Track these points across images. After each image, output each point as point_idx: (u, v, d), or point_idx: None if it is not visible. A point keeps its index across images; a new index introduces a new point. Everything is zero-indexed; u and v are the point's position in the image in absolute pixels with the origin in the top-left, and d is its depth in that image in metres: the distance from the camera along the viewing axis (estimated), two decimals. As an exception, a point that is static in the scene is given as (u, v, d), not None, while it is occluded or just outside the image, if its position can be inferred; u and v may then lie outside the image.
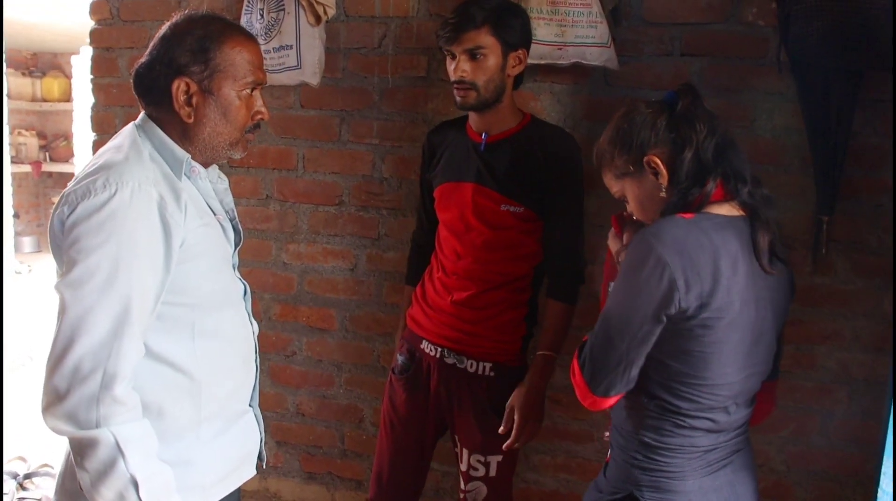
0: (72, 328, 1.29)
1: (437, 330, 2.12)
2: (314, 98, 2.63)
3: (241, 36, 1.49)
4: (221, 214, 1.58)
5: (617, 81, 2.36)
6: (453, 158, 2.13)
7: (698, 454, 1.44)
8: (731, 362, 1.40)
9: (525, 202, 2.01)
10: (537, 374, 2.04)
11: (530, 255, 2.07)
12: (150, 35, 2.77)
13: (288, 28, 2.46)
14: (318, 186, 2.66)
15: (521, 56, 2.01)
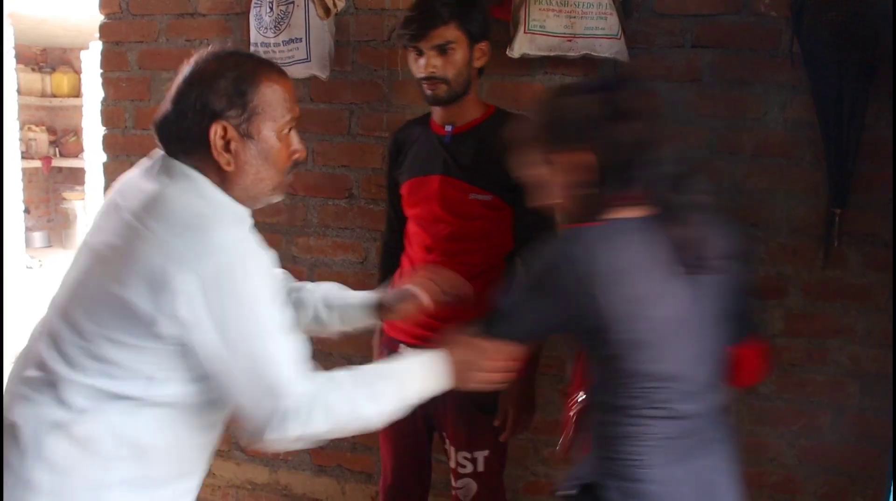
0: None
1: (411, 330, 2.10)
2: (324, 91, 2.62)
3: (275, 73, 1.42)
4: None
5: (626, 74, 2.34)
6: (419, 153, 2.13)
7: (657, 441, 1.39)
8: (669, 358, 1.37)
9: (493, 190, 2.02)
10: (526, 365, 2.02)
11: (501, 245, 2.08)
12: (158, 29, 2.83)
13: (297, 21, 2.46)
14: (328, 180, 2.66)
15: (485, 48, 2.04)
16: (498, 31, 2.38)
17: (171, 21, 2.83)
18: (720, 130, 2.32)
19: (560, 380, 2.49)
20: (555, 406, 2.48)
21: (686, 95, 2.32)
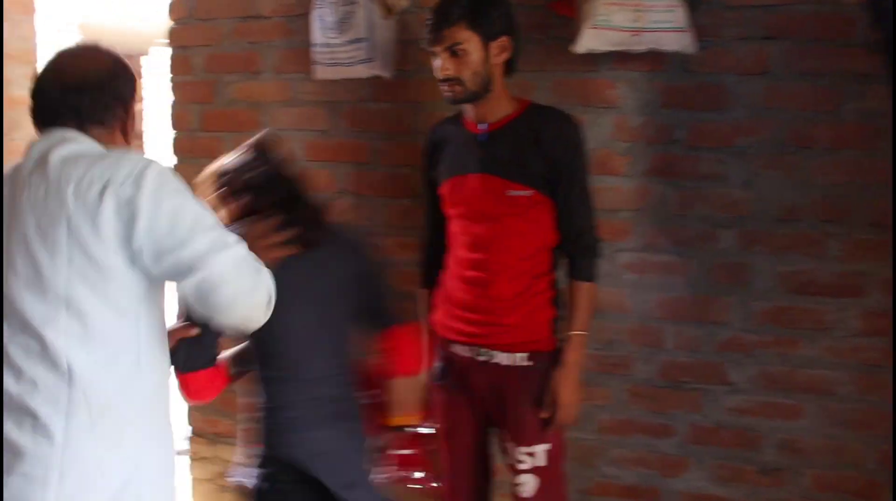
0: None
1: (465, 329, 2.12)
2: (387, 91, 2.63)
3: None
4: None
5: (696, 67, 2.30)
6: (456, 152, 2.14)
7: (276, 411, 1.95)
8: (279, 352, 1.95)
9: (533, 185, 2.03)
10: (573, 353, 2.07)
11: (545, 238, 2.09)
12: (223, 33, 2.87)
13: (360, 21, 2.47)
14: (392, 180, 2.66)
15: (505, 44, 2.03)
16: (560, 27, 2.37)
17: (236, 24, 2.87)
18: (792, 123, 2.25)
19: (629, 380, 2.45)
20: (624, 406, 2.46)
21: (755, 89, 2.26)
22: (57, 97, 1.54)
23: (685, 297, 2.39)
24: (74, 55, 1.61)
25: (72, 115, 1.53)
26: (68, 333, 1.42)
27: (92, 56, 1.60)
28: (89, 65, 1.57)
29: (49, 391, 1.41)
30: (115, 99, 1.58)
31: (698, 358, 2.39)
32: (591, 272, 2.10)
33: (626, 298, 2.44)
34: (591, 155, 2.37)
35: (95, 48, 1.62)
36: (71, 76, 1.55)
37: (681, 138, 2.34)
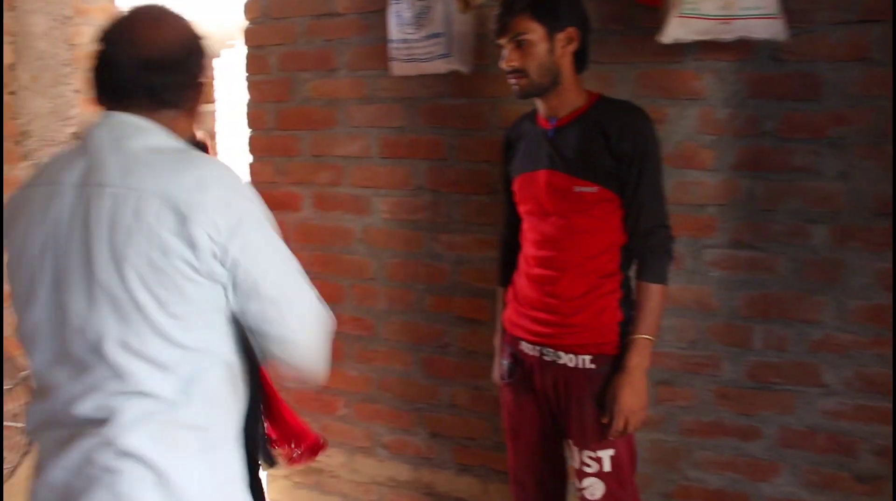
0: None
1: (532, 328, 2.09)
2: (464, 86, 2.59)
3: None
4: None
5: (786, 55, 2.21)
6: (527, 148, 2.11)
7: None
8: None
9: (599, 181, 1.97)
10: (636, 357, 1.99)
11: (614, 236, 2.03)
12: (298, 31, 2.87)
13: (438, 16, 2.44)
14: (470, 175, 2.63)
15: (572, 35, 1.98)
16: (644, 17, 2.31)
17: (310, 22, 2.87)
18: (891, 112, 2.13)
19: (714, 380, 2.38)
20: (709, 407, 2.38)
21: (851, 76, 2.16)
22: (132, 73, 1.35)
23: (774, 294, 2.30)
24: (151, 22, 1.39)
25: (146, 95, 1.36)
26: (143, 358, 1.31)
27: (172, 25, 1.40)
28: (170, 37, 1.38)
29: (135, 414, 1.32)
30: (193, 78, 1.42)
31: (789, 358, 2.30)
32: (660, 273, 2.01)
33: (711, 296, 2.36)
34: (676, 149, 2.33)
35: (173, 15, 1.42)
36: (150, 49, 1.35)
37: (770, 130, 2.25)
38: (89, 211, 1.30)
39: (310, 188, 2.94)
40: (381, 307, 2.87)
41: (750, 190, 2.29)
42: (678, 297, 2.38)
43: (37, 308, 1.35)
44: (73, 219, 1.32)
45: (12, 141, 3.17)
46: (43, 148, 3.27)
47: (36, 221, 1.35)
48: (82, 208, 1.31)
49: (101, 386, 1.31)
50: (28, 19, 3.16)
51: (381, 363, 2.90)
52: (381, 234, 2.83)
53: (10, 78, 3.13)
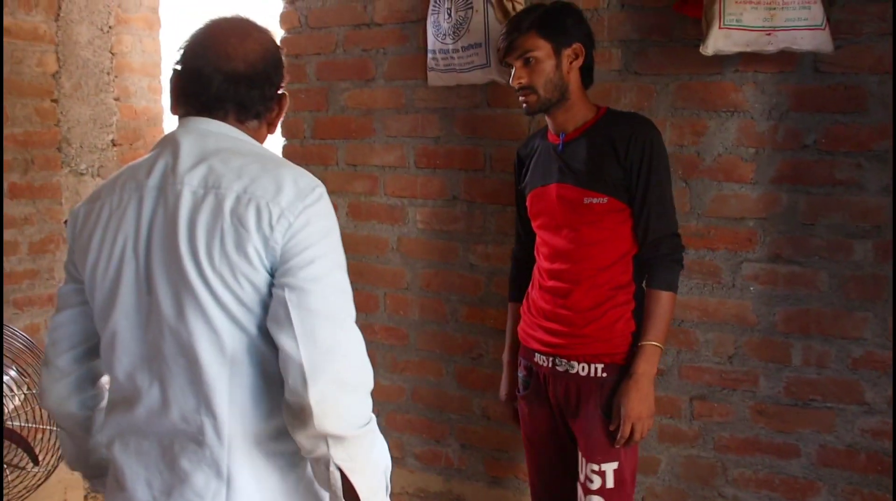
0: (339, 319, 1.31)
1: (545, 339, 2.10)
2: (502, 96, 2.59)
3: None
4: None
5: (829, 67, 2.18)
6: (538, 164, 2.16)
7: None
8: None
9: (608, 192, 2.01)
10: (643, 364, 2.00)
11: (625, 247, 2.06)
12: (336, 40, 2.89)
13: (477, 26, 2.45)
14: (506, 186, 2.62)
15: (578, 50, 2.04)
16: (683, 29, 2.29)
17: (348, 32, 2.88)
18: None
19: (752, 396, 2.34)
20: (746, 424, 2.35)
21: (897, 89, 2.13)
22: (222, 87, 1.35)
23: (814, 310, 2.26)
24: (238, 35, 1.38)
25: (234, 107, 1.37)
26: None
27: (256, 39, 1.40)
28: (256, 50, 1.38)
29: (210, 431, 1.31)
30: (276, 90, 1.42)
31: (829, 375, 2.26)
32: (669, 281, 2.04)
33: (749, 310, 2.33)
34: (716, 162, 2.31)
35: (257, 28, 1.43)
36: (239, 63, 1.35)
37: (812, 143, 2.22)
38: (171, 212, 1.30)
39: (345, 197, 2.95)
40: (414, 317, 2.87)
41: (791, 204, 2.26)
42: (715, 311, 2.36)
43: (119, 315, 1.35)
44: (154, 220, 1.32)
45: (53, 148, 3.22)
46: (83, 155, 3.32)
47: (113, 226, 1.35)
48: (163, 209, 1.31)
49: (189, 392, 1.31)
50: (73, 29, 3.22)
51: (413, 373, 2.90)
52: (416, 244, 2.83)
53: (52, 86, 3.18)
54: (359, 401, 1.32)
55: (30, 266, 3.15)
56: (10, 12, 3.00)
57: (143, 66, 3.54)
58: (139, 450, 1.36)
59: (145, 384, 1.34)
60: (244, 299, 1.28)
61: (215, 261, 1.26)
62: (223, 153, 1.33)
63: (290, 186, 1.30)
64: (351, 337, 1.32)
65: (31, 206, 3.15)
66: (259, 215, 1.26)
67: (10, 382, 2.28)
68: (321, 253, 1.30)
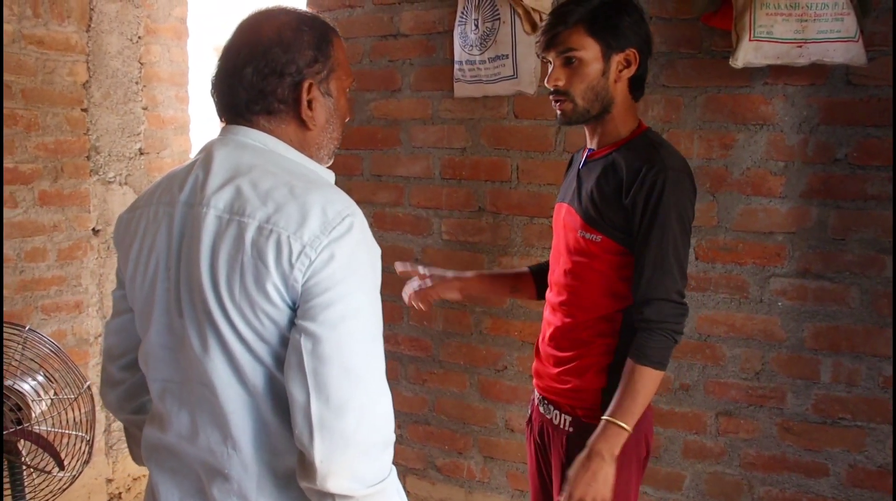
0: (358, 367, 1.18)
1: (537, 376, 1.99)
2: (529, 108, 2.59)
3: (337, 32, 1.37)
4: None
5: (862, 80, 2.15)
6: (568, 177, 1.97)
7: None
8: None
9: (604, 231, 1.75)
10: (599, 442, 1.70)
11: (618, 294, 1.78)
12: (363, 51, 2.90)
13: (504, 38, 2.45)
14: (533, 198, 2.62)
15: (631, 57, 1.75)
16: (713, 41, 2.28)
17: (375, 43, 2.89)
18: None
19: (779, 413, 2.31)
20: (773, 441, 2.32)
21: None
22: (236, 84, 1.29)
23: (844, 327, 2.23)
24: (253, 25, 1.32)
25: (258, 107, 1.29)
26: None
27: (272, 23, 1.31)
28: (269, 35, 1.29)
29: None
30: (294, 76, 1.29)
31: (859, 394, 2.22)
32: (647, 354, 1.70)
33: (777, 326, 2.30)
34: (744, 175, 2.29)
35: (276, 12, 1.33)
36: (247, 53, 1.29)
37: (843, 157, 2.19)
38: (195, 233, 1.23)
39: (370, 208, 2.95)
40: (438, 329, 2.86)
41: (821, 218, 2.23)
42: (743, 326, 2.33)
43: (153, 334, 1.31)
44: (182, 241, 1.26)
45: (83, 156, 3.25)
46: (111, 163, 3.35)
47: (148, 242, 1.30)
48: (189, 229, 1.25)
49: (214, 424, 1.26)
50: (103, 39, 3.26)
51: (436, 385, 2.89)
52: (441, 255, 2.82)
53: (83, 95, 3.22)
54: (370, 461, 1.19)
55: (58, 273, 3.19)
56: (44, 23, 3.04)
57: (171, 75, 3.58)
58: (173, 469, 1.33)
59: (174, 409, 1.30)
60: (264, 336, 1.20)
61: (235, 295, 1.18)
62: (255, 171, 1.24)
63: (316, 215, 1.18)
64: (370, 392, 1.19)
65: (60, 213, 3.18)
66: (279, 251, 1.16)
67: (38, 386, 2.30)
68: (344, 294, 1.17)
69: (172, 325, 1.28)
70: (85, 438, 2.35)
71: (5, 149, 2.95)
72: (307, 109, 1.30)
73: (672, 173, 1.70)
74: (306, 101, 1.29)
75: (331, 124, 1.35)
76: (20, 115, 2.99)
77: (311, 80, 1.29)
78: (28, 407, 2.24)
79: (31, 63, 3.02)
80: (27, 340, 2.35)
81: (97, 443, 3.14)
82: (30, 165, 3.04)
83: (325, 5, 2.97)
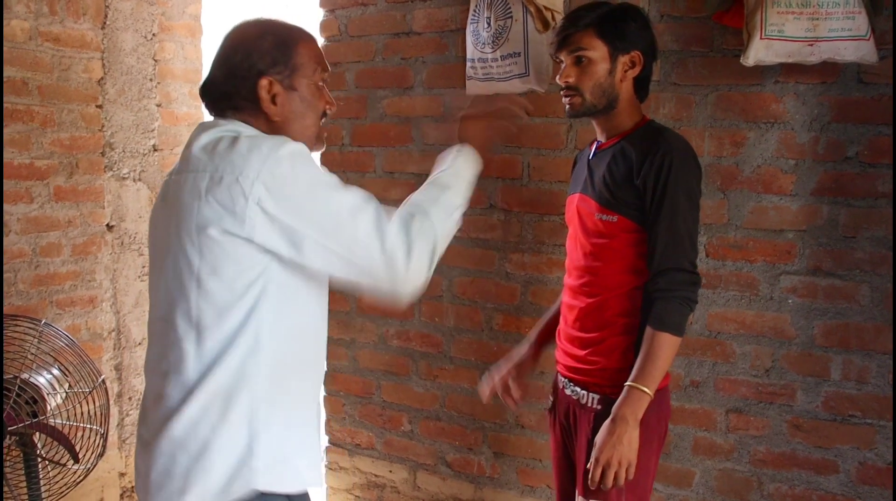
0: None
1: (562, 360, 2.04)
2: (540, 105, 2.59)
3: (306, 34, 1.59)
4: None
5: (873, 78, 2.15)
6: (578, 169, 2.10)
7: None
8: None
9: (620, 211, 1.88)
10: (623, 407, 1.80)
11: (636, 270, 1.90)
12: (375, 49, 2.92)
13: (516, 36, 2.46)
14: (544, 195, 2.63)
15: (636, 59, 1.91)
16: (724, 39, 2.28)
17: (388, 40, 2.91)
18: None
19: (789, 410, 2.31)
20: (783, 438, 2.32)
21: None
22: (211, 86, 1.56)
23: (854, 324, 2.23)
24: (229, 35, 1.57)
25: (228, 103, 1.55)
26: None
27: (240, 32, 1.57)
28: (234, 41, 1.55)
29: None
30: (253, 76, 1.51)
31: (869, 391, 2.22)
32: (665, 320, 1.81)
33: (788, 323, 2.31)
34: (755, 173, 2.29)
35: (246, 24, 1.58)
36: (218, 59, 1.56)
37: (854, 155, 2.19)
38: (168, 197, 1.49)
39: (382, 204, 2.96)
40: (449, 325, 2.88)
41: (832, 216, 2.23)
42: (752, 323, 2.34)
43: (151, 278, 1.57)
44: (160, 206, 1.53)
45: (97, 152, 3.28)
46: (125, 159, 3.38)
47: (156, 205, 1.58)
48: (167, 195, 1.50)
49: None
50: (118, 36, 3.29)
51: (447, 381, 2.90)
52: (452, 251, 2.80)
53: (97, 92, 3.25)
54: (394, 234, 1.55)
55: (72, 268, 3.22)
56: (60, 20, 3.07)
57: (185, 72, 3.60)
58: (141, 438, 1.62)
59: (153, 340, 1.64)
60: (217, 268, 1.44)
61: (193, 236, 1.44)
62: (219, 141, 1.46)
63: (255, 154, 1.41)
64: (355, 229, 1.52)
65: (75, 209, 3.21)
66: (231, 190, 1.41)
67: (53, 380, 2.33)
68: (294, 194, 1.43)
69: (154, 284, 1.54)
70: (99, 431, 2.38)
71: (22, 145, 2.98)
72: (270, 103, 1.51)
73: (678, 153, 1.85)
74: (268, 96, 1.51)
75: (300, 115, 1.55)
76: (36, 111, 3.03)
77: (269, 78, 1.50)
78: (44, 400, 2.27)
79: (48, 60, 3.05)
80: (43, 334, 2.38)
81: (110, 437, 3.16)
82: (45, 161, 3.08)
83: (339, 3, 3.00)
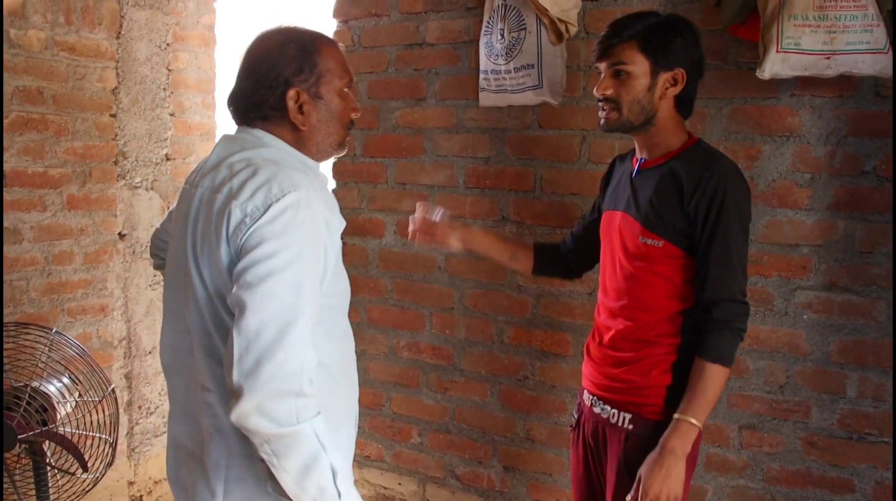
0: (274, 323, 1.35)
1: (590, 378, 2.01)
2: (554, 118, 2.59)
3: (330, 41, 1.60)
4: None
5: (891, 92, 2.13)
6: (616, 185, 2.02)
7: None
8: None
9: (666, 236, 1.82)
10: (673, 439, 1.77)
11: (679, 296, 1.85)
12: (388, 60, 2.92)
13: (529, 48, 2.45)
14: (557, 208, 2.61)
15: (678, 76, 1.82)
16: (740, 52, 2.27)
17: (400, 52, 2.91)
18: None
19: (803, 427, 2.28)
20: (797, 455, 2.30)
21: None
22: (237, 95, 1.59)
23: (871, 341, 2.21)
24: (254, 45, 1.59)
25: (255, 114, 1.57)
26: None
27: (266, 42, 1.57)
28: (260, 52, 1.56)
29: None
30: (282, 87, 1.54)
31: (886, 409, 2.19)
32: (716, 352, 1.77)
33: (802, 339, 2.28)
34: (770, 187, 2.27)
35: (273, 32, 1.59)
36: (245, 68, 1.57)
37: (871, 169, 2.17)
38: (186, 211, 1.53)
39: (393, 215, 2.96)
40: (460, 337, 2.86)
41: (848, 231, 2.21)
42: (767, 339, 2.31)
43: (166, 290, 1.62)
44: (178, 218, 1.56)
45: (110, 161, 3.29)
46: (138, 168, 3.38)
47: (176, 213, 1.61)
48: (185, 205, 1.54)
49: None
50: (132, 46, 3.30)
51: (457, 393, 2.89)
52: (464, 264, 2.83)
53: (111, 101, 3.26)
54: (279, 402, 1.35)
55: (84, 276, 3.22)
56: (76, 30, 3.08)
57: (198, 82, 3.61)
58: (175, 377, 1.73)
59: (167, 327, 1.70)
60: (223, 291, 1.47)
61: (206, 259, 1.47)
62: (236, 157, 1.51)
63: (263, 191, 1.42)
64: (284, 344, 1.36)
65: (88, 217, 3.22)
66: (230, 220, 1.44)
67: (63, 388, 2.32)
68: (269, 253, 1.39)
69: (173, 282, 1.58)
70: (108, 440, 2.37)
71: (36, 153, 2.99)
72: (297, 113, 1.53)
73: (731, 180, 1.80)
74: (295, 106, 1.53)
75: (325, 124, 1.57)
76: (51, 120, 3.04)
77: (297, 88, 1.52)
78: (53, 409, 2.27)
79: (63, 69, 3.06)
80: (53, 342, 2.38)
81: (119, 446, 3.16)
82: (59, 170, 3.08)
83: (352, 14, 3.00)
